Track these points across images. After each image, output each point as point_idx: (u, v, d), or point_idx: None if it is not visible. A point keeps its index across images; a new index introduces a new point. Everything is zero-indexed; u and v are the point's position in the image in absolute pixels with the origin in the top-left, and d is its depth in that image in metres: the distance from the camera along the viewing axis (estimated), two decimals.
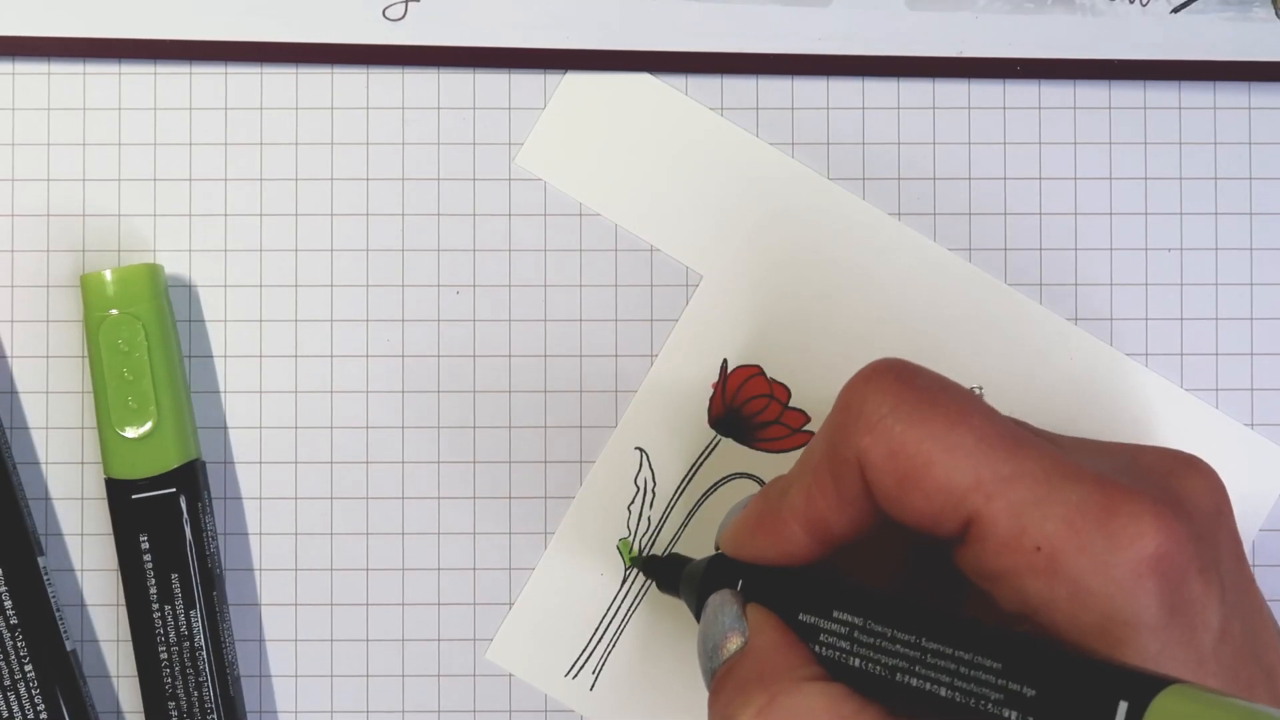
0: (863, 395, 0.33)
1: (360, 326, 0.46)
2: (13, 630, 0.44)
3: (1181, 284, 0.46)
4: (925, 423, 0.32)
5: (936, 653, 0.31)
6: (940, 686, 0.31)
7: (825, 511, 0.34)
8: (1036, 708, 0.30)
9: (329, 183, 0.46)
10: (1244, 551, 0.33)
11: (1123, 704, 0.28)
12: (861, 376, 0.34)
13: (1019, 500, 0.31)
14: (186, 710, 0.44)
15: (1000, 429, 0.32)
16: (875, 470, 0.32)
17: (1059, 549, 0.30)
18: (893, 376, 0.33)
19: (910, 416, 0.32)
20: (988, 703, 0.30)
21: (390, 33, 0.46)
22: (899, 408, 0.32)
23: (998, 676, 0.30)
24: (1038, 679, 0.30)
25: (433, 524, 0.46)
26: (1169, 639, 0.30)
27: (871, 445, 0.32)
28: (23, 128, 0.46)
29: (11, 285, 0.46)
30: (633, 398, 0.46)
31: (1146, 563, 0.30)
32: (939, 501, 0.32)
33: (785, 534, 0.35)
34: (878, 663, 0.33)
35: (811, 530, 0.35)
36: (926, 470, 0.32)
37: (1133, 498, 0.31)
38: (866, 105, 0.46)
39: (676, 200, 0.46)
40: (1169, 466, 0.33)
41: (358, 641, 0.46)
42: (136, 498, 0.44)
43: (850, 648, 0.33)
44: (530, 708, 0.46)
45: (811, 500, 0.34)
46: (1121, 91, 0.46)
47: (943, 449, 0.32)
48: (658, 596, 0.46)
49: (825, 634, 0.34)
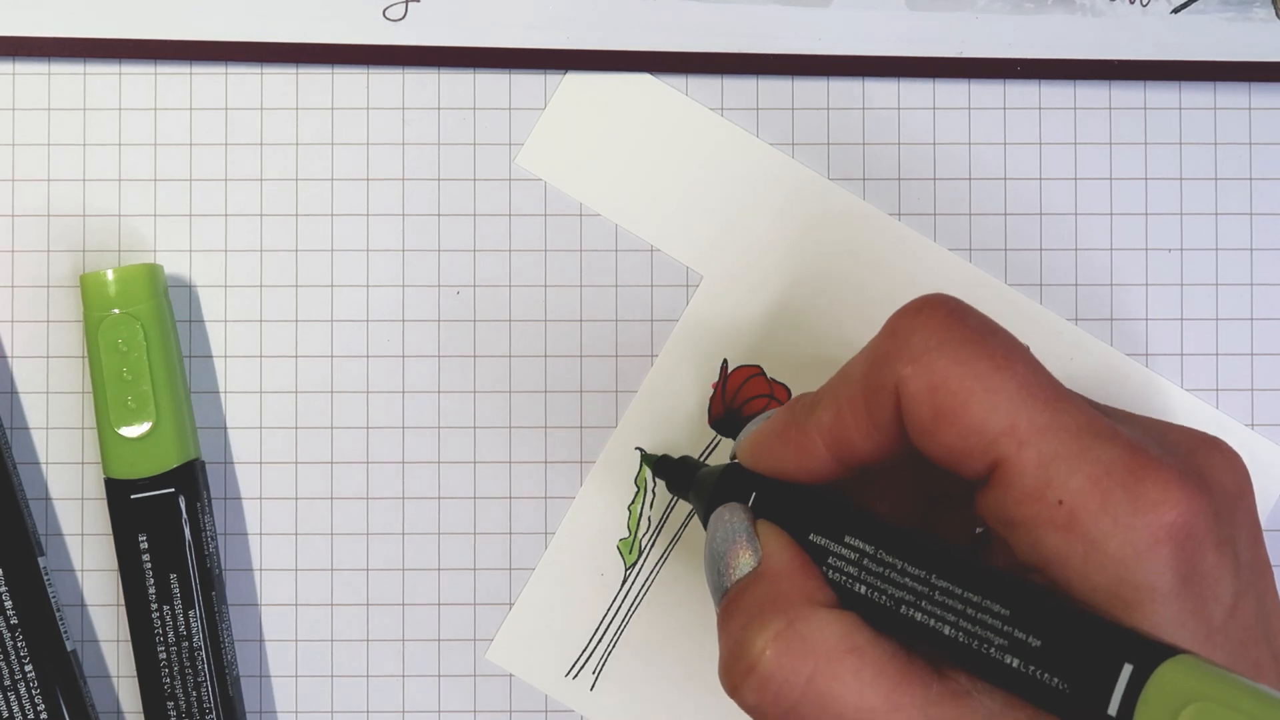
0: (911, 325, 0.33)
1: (360, 326, 0.46)
2: (13, 630, 0.44)
3: (1181, 284, 0.46)
4: (970, 361, 0.32)
5: (945, 590, 0.31)
6: (945, 625, 0.31)
7: (853, 432, 0.34)
8: (1040, 658, 0.30)
9: (329, 183, 0.46)
10: (1262, 536, 0.33)
11: (1127, 666, 0.28)
12: (913, 307, 0.34)
13: (1050, 452, 0.31)
14: (185, 710, 0.44)
15: (1042, 379, 0.32)
16: (913, 400, 0.32)
17: (1081, 505, 0.31)
18: (945, 311, 0.33)
19: (956, 353, 0.32)
20: (991, 647, 0.30)
21: (390, 33, 0.46)
22: (946, 342, 0.32)
23: (1004, 623, 0.30)
24: (1044, 630, 0.30)
25: (433, 524, 0.46)
26: (1179, 608, 0.30)
27: (913, 375, 0.32)
28: (23, 128, 0.46)
29: (11, 285, 0.46)
30: (633, 398, 0.46)
31: (1165, 529, 0.30)
32: (971, 441, 0.32)
33: (807, 448, 0.35)
34: (884, 593, 0.32)
35: (835, 449, 0.34)
36: (964, 408, 0.32)
37: (1160, 466, 0.31)
38: (866, 105, 0.46)
39: (676, 200, 0.46)
40: (1194, 444, 0.34)
41: (358, 641, 0.46)
42: (136, 498, 0.44)
43: (858, 574, 0.33)
44: (530, 708, 0.46)
45: (841, 419, 0.34)
46: (1121, 91, 0.46)
47: (983, 389, 0.32)
48: (658, 596, 0.46)
49: (834, 558, 0.34)
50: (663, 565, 0.46)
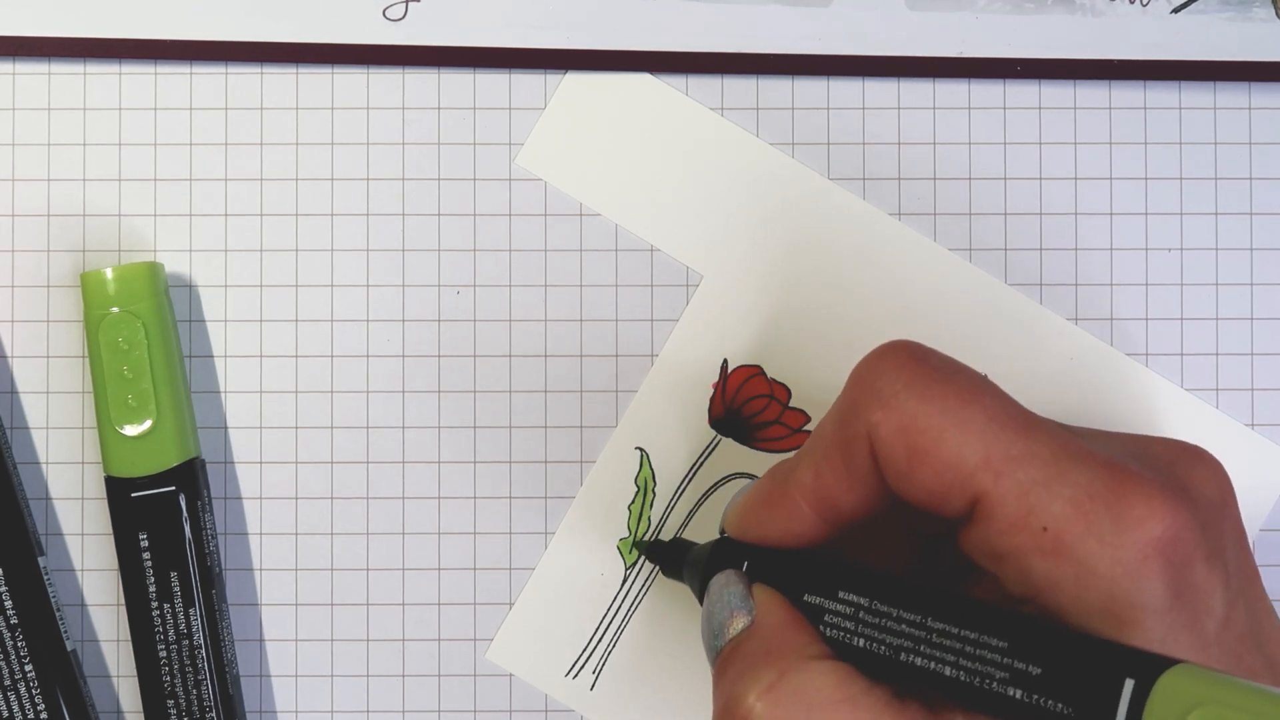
0: (876, 371, 0.33)
1: (360, 326, 0.46)
2: (13, 630, 0.44)
3: (1181, 284, 0.46)
4: (938, 399, 0.32)
5: (942, 632, 0.32)
6: (945, 666, 0.31)
7: (834, 488, 0.34)
8: (1042, 686, 0.30)
9: (329, 183, 0.46)
10: (1248, 543, 0.34)
11: (1129, 682, 0.28)
12: (875, 355, 0.34)
13: (1027, 480, 0.31)
14: (185, 709, 0.44)
15: (1011, 410, 0.32)
16: (886, 444, 0.33)
17: (1066, 530, 0.31)
18: (906, 355, 0.34)
19: (923, 393, 0.33)
20: (993, 681, 0.30)
21: (390, 33, 0.46)
22: (912, 384, 0.33)
23: (1003, 655, 0.30)
24: (1043, 657, 0.30)
25: (433, 524, 0.46)
26: (1173, 623, 0.30)
27: (884, 420, 0.33)
28: (23, 128, 0.46)
29: (11, 285, 0.46)
30: (633, 398, 0.46)
31: (1153, 545, 0.30)
32: (948, 478, 0.32)
33: (793, 512, 0.35)
34: (882, 642, 0.33)
35: (819, 508, 0.35)
36: (936, 446, 0.32)
37: (1141, 482, 0.31)
38: (866, 105, 0.46)
39: (676, 200, 0.46)
40: (1175, 456, 0.34)
41: (358, 641, 0.46)
42: (136, 496, 0.44)
43: (855, 628, 0.33)
44: (530, 708, 0.46)
45: (820, 476, 0.34)
46: (1121, 91, 0.46)
47: (954, 425, 0.32)
48: (658, 596, 0.46)
49: (830, 614, 0.34)
50: None
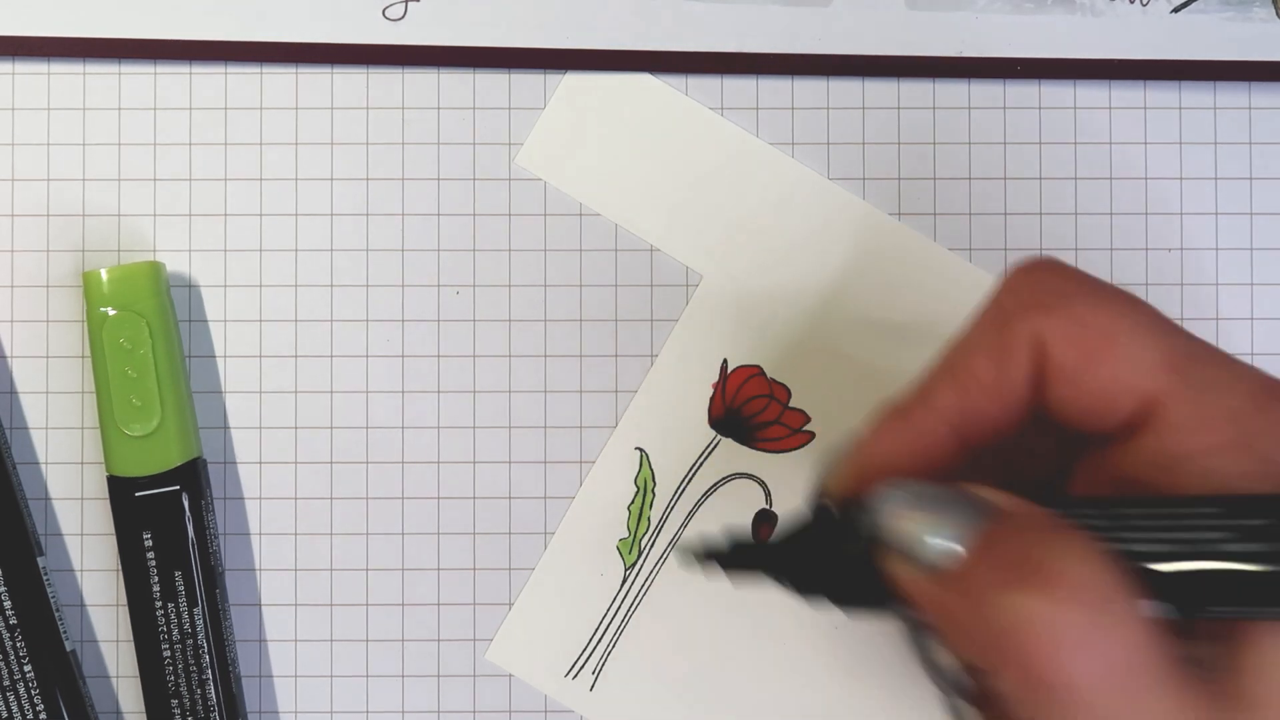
0: (1036, 279, 0.33)
1: (360, 326, 0.46)
2: (12, 630, 0.44)
3: (1181, 284, 0.46)
4: (1108, 302, 0.32)
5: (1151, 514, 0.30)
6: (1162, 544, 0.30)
7: (979, 403, 0.33)
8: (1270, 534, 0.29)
9: (329, 183, 0.46)
10: None
11: None
12: (1025, 268, 0.33)
13: (1208, 377, 0.31)
14: (189, 708, 0.44)
15: (1164, 316, 0.32)
16: (1059, 345, 0.32)
17: (1249, 423, 0.30)
18: (1060, 264, 0.33)
19: (1090, 297, 0.32)
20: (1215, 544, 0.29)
21: (390, 33, 0.46)
22: (1081, 288, 0.32)
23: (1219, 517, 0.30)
24: (1263, 511, 0.29)
25: (433, 524, 0.46)
26: None
27: (1055, 323, 0.32)
28: (23, 128, 0.46)
29: (11, 285, 0.46)
30: (633, 398, 0.46)
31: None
32: (1124, 380, 0.31)
33: (928, 435, 0.33)
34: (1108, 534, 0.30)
35: (960, 425, 0.33)
36: (1114, 346, 0.31)
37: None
38: (866, 105, 0.46)
39: (676, 200, 0.46)
40: None
41: (358, 641, 0.46)
42: (140, 495, 0.44)
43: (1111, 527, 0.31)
44: (530, 708, 0.46)
45: (967, 394, 0.33)
46: (1121, 91, 0.46)
47: (1129, 326, 0.31)
48: (658, 596, 0.46)
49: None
50: (663, 565, 0.46)
